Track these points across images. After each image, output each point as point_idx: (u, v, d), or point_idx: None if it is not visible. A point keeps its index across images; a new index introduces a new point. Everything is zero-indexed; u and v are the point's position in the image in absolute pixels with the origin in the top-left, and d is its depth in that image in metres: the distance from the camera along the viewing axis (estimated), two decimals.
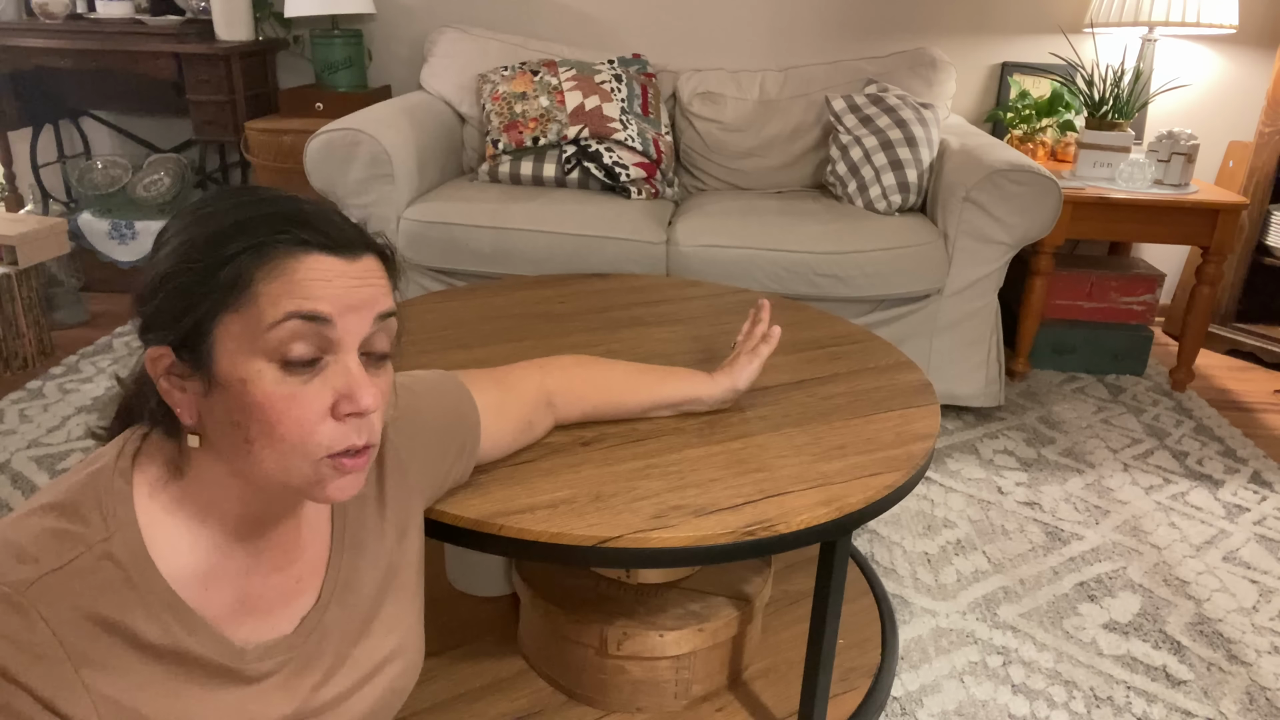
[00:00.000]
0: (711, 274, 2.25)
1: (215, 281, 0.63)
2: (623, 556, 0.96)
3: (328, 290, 0.64)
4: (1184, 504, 2.06)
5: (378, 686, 0.80)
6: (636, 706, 1.31)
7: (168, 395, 0.66)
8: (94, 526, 0.64)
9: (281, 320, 0.62)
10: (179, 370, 0.65)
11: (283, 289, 0.63)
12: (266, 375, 0.63)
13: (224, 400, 0.64)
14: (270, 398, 0.63)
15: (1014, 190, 2.16)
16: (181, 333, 0.64)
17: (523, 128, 2.56)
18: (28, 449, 2.11)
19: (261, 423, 0.63)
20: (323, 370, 0.65)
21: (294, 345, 0.63)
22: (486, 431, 0.99)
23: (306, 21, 3.13)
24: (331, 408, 0.65)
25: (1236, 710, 1.46)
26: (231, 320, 0.63)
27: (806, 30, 3.00)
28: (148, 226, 2.99)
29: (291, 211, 0.65)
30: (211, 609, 0.69)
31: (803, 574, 1.62)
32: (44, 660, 0.60)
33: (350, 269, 0.66)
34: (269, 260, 0.63)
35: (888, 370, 1.39)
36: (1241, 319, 2.96)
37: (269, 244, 0.63)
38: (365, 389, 0.65)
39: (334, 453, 0.65)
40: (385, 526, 0.83)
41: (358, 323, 0.66)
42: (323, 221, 0.66)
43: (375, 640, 0.80)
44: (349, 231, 0.67)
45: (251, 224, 0.64)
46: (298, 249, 0.64)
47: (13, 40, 2.85)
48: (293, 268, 0.63)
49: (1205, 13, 2.57)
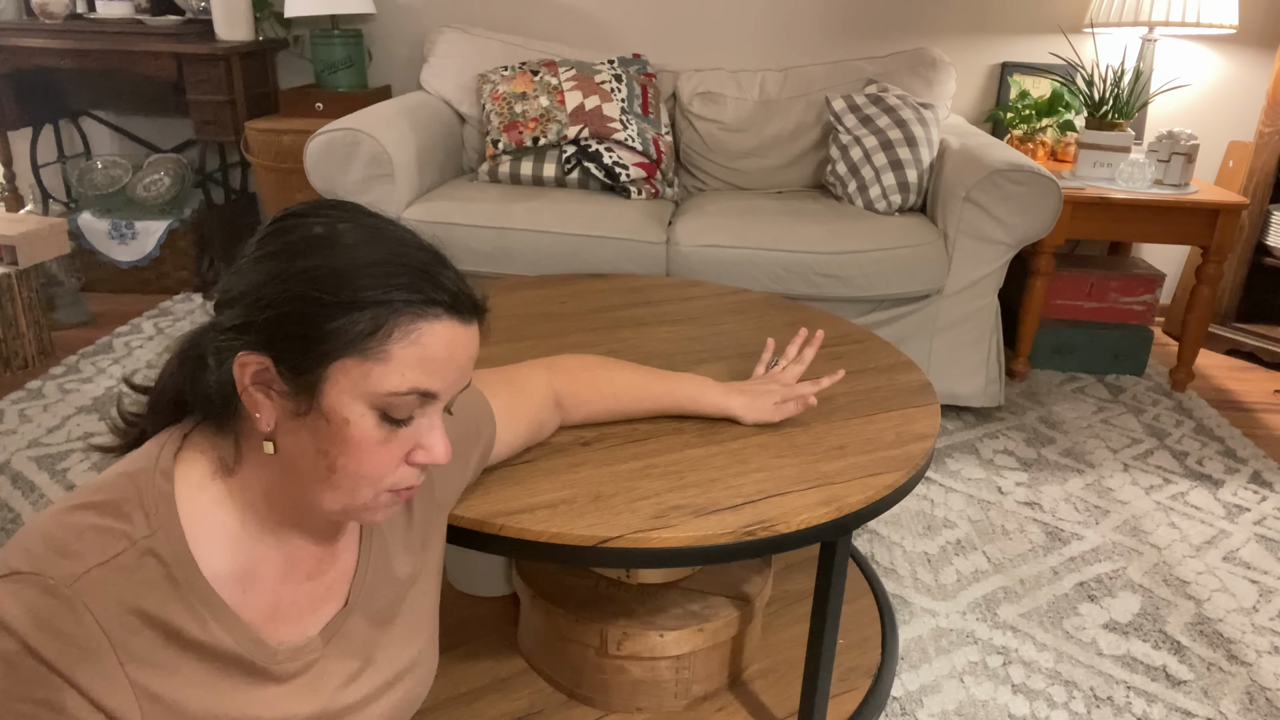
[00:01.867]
0: (711, 274, 2.25)
1: (348, 323, 0.64)
2: (623, 556, 0.96)
3: (448, 368, 0.68)
4: (1184, 504, 2.06)
5: (397, 692, 0.81)
6: (636, 706, 1.31)
7: (248, 398, 0.66)
8: (137, 524, 0.65)
9: (405, 393, 0.66)
10: (274, 383, 0.66)
11: (414, 358, 0.65)
12: (369, 420, 0.66)
13: (319, 428, 0.65)
14: (368, 441, 0.66)
15: (1014, 190, 2.16)
16: (294, 355, 0.64)
17: (523, 128, 2.56)
18: (28, 449, 2.11)
19: (351, 459, 0.66)
20: (413, 422, 0.69)
21: (403, 408, 0.67)
22: (500, 437, 0.99)
23: (306, 21, 3.13)
24: (409, 454, 0.69)
25: (1236, 710, 1.46)
26: (352, 364, 0.65)
27: (806, 30, 3.00)
28: (148, 226, 2.99)
29: (427, 264, 0.67)
30: (248, 611, 0.70)
31: (803, 574, 1.62)
32: (90, 654, 0.61)
33: (467, 339, 0.69)
34: (407, 320, 0.65)
35: (888, 370, 1.39)
36: (1241, 319, 2.96)
37: (407, 302, 0.65)
38: (443, 445, 0.70)
39: (399, 488, 0.70)
40: (411, 537, 0.85)
41: (455, 389, 0.70)
42: (452, 279, 0.68)
43: (397, 648, 0.81)
44: (470, 293, 0.70)
45: (386, 270, 0.65)
46: (431, 310, 0.66)
47: (13, 40, 2.85)
48: (427, 335, 0.66)
49: (1205, 13, 2.57)
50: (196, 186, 3.16)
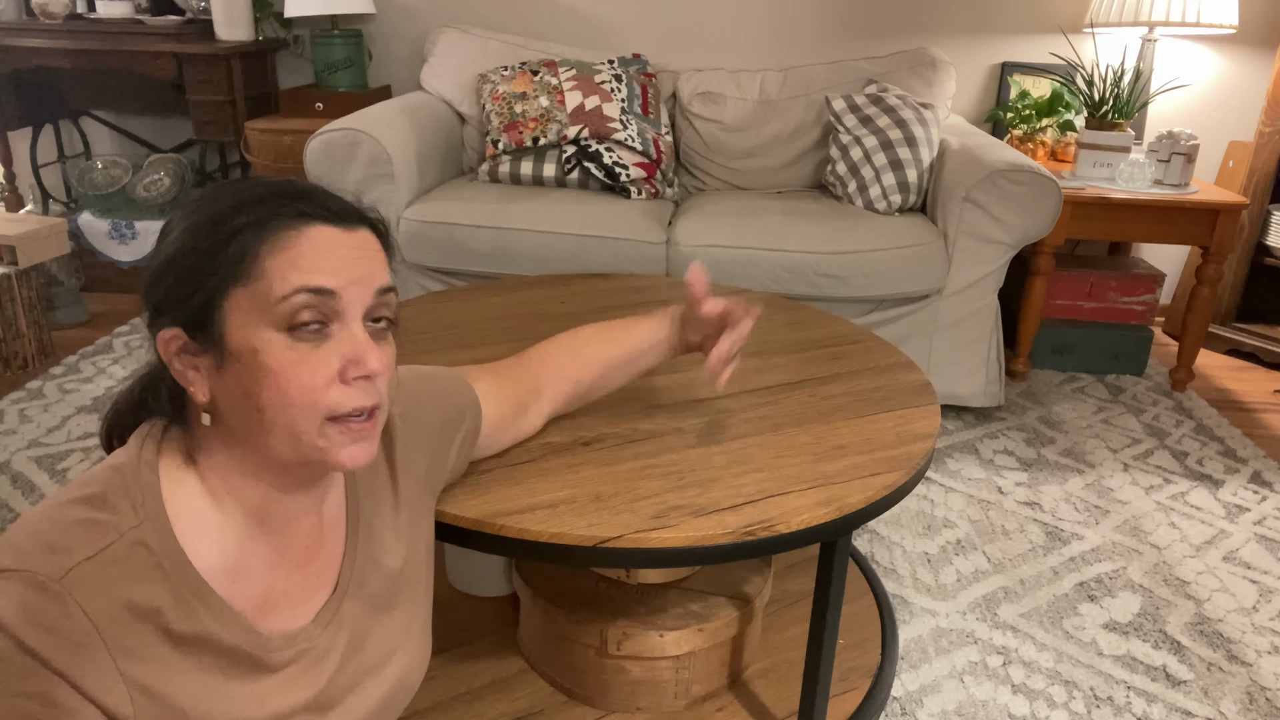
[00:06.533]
0: (712, 274, 2.25)
1: (222, 258, 0.66)
2: (623, 556, 0.96)
3: (330, 262, 0.67)
4: (1184, 504, 2.06)
5: (388, 679, 0.81)
6: (636, 706, 1.31)
7: (181, 376, 0.68)
8: (124, 515, 0.65)
9: (290, 295, 0.65)
10: (191, 349, 0.68)
11: (289, 261, 0.66)
12: (277, 343, 0.66)
13: (236, 372, 0.66)
14: (281, 364, 0.66)
15: (1014, 190, 2.16)
16: (192, 311, 0.67)
17: (523, 128, 2.56)
18: (28, 449, 2.11)
19: (273, 389, 0.66)
20: (330, 337, 0.68)
21: (302, 314, 0.66)
22: (485, 417, 0.99)
23: (306, 21, 3.12)
24: (340, 372, 0.68)
25: (1236, 710, 1.46)
26: (240, 294, 0.66)
27: (806, 30, 3.00)
28: (148, 226, 2.99)
29: (288, 188, 0.69)
30: (238, 602, 0.70)
31: (803, 574, 1.62)
32: (82, 649, 0.61)
33: (349, 239, 0.69)
34: (273, 233, 0.66)
35: (888, 370, 1.39)
36: (1241, 319, 2.97)
37: (270, 218, 0.67)
38: (371, 352, 0.68)
39: (342, 414, 0.68)
40: (399, 521, 0.85)
41: (360, 294, 0.69)
42: (319, 195, 0.70)
43: (387, 632, 0.82)
44: (345, 203, 0.71)
45: (251, 202, 0.68)
46: (298, 220, 0.67)
47: (13, 40, 2.85)
48: (296, 239, 0.67)
49: (1205, 13, 2.57)
50: (196, 186, 3.16)
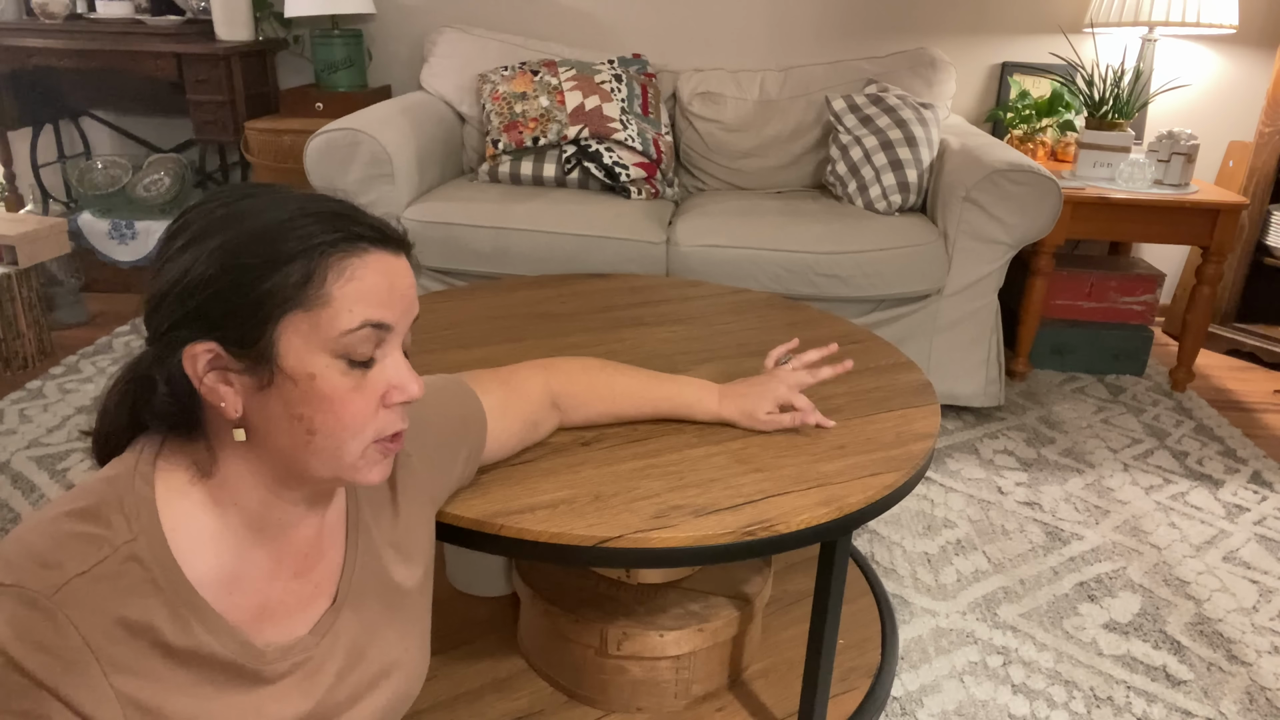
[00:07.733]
0: (712, 274, 2.25)
1: (281, 279, 0.64)
2: (623, 556, 0.96)
3: (392, 296, 0.68)
4: (1184, 504, 2.06)
5: (386, 690, 0.81)
6: (636, 706, 1.31)
7: (210, 391, 0.66)
8: (118, 529, 0.64)
9: (357, 329, 0.66)
10: (228, 364, 0.65)
11: (356, 294, 0.66)
12: (334, 369, 0.66)
13: (288, 394, 0.65)
14: (338, 390, 0.66)
15: (1014, 190, 2.16)
16: (237, 328, 0.64)
17: (523, 128, 2.56)
18: (28, 449, 2.11)
19: (329, 414, 0.66)
20: (376, 363, 0.69)
21: (363, 347, 0.67)
22: (492, 433, 0.99)
23: (306, 21, 3.12)
24: (383, 397, 0.69)
25: (1236, 710, 1.46)
26: (299, 318, 0.65)
27: (806, 30, 3.00)
28: (148, 226, 2.99)
29: (334, 206, 0.68)
30: (234, 613, 0.69)
31: (803, 574, 1.62)
32: (75, 666, 0.60)
33: (401, 267, 0.70)
34: (337, 260, 0.65)
35: (888, 370, 1.39)
36: (1241, 319, 2.96)
37: (330, 242, 0.65)
38: (414, 379, 0.70)
39: (384, 437, 0.70)
40: (398, 532, 0.84)
41: (406, 323, 0.71)
42: (362, 215, 0.69)
43: (386, 643, 0.81)
44: (390, 227, 0.70)
45: (301, 221, 0.65)
46: (357, 246, 0.67)
47: (13, 40, 2.85)
48: (361, 269, 0.66)
49: (1205, 13, 2.57)
50: (197, 186, 3.17)
